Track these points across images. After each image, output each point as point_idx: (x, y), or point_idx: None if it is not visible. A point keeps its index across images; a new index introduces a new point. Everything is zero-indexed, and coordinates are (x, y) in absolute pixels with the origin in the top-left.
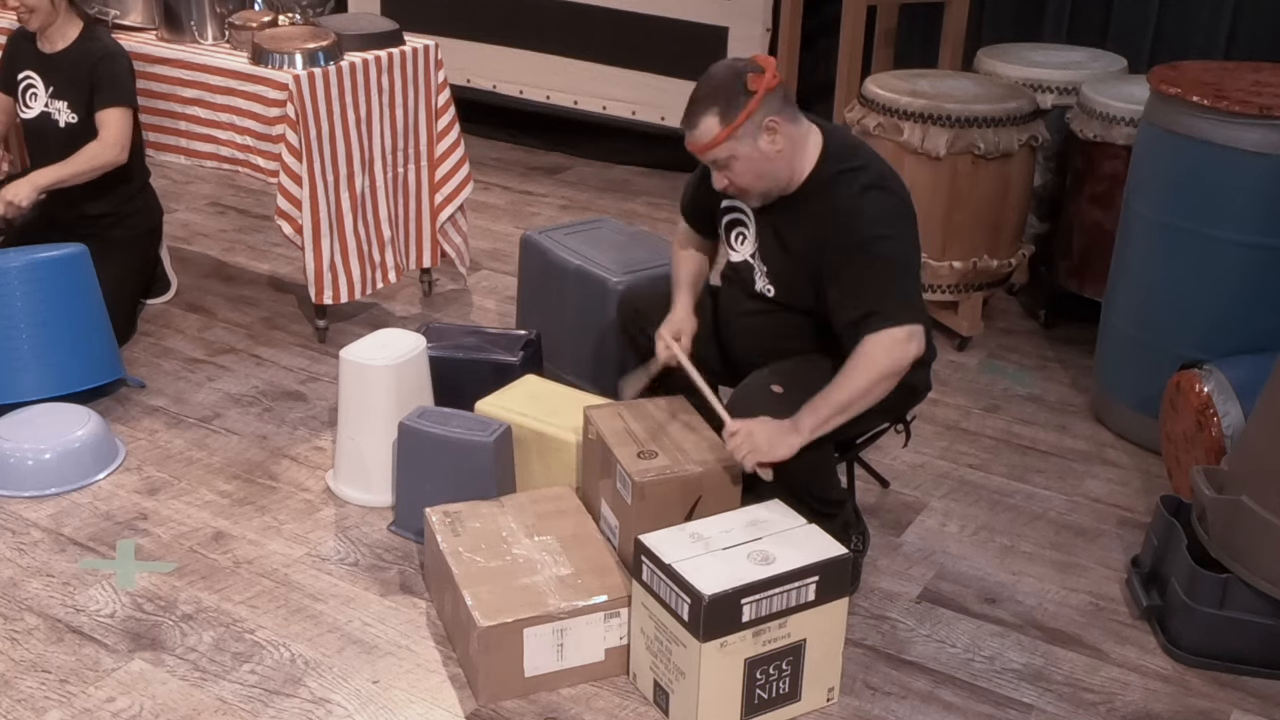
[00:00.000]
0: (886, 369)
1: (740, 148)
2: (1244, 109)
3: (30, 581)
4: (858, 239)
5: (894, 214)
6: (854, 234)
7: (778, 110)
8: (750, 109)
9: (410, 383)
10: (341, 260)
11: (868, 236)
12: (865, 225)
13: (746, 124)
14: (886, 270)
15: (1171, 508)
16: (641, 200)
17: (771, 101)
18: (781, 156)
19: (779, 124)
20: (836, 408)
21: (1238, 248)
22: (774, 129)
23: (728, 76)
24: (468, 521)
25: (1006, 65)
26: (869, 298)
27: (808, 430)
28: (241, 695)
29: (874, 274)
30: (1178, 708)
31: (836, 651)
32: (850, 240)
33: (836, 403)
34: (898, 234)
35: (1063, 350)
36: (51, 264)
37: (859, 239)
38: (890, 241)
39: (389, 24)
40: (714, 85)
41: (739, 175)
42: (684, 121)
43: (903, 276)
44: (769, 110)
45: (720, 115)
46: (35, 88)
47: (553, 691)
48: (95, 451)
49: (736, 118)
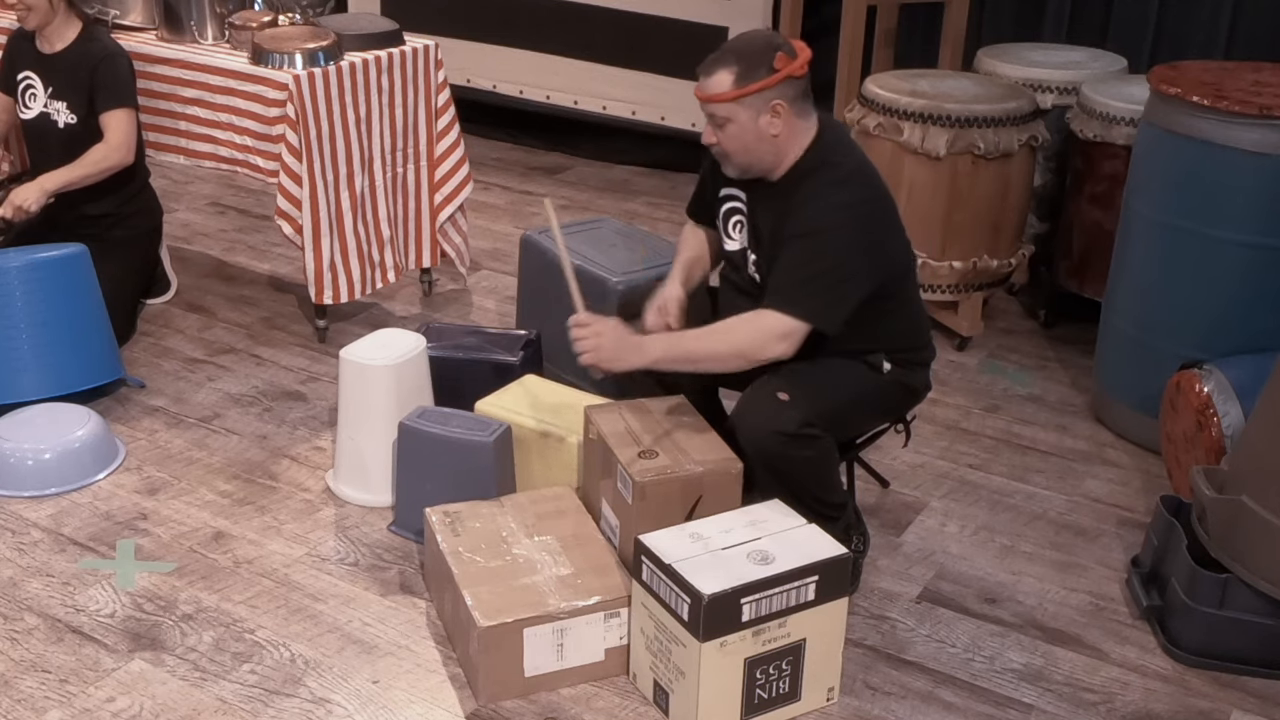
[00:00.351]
0: (744, 350)
1: (741, 114)
2: (1244, 109)
3: (30, 581)
4: (805, 225)
5: (852, 212)
6: (805, 220)
7: (790, 98)
8: (766, 83)
9: (410, 383)
10: (341, 260)
11: (814, 226)
12: (817, 214)
13: (756, 95)
14: (813, 262)
15: (1171, 508)
16: (641, 200)
17: (788, 88)
18: (774, 141)
19: (784, 110)
20: (685, 356)
21: (1238, 248)
22: (778, 113)
23: (761, 45)
24: (468, 521)
25: (1006, 65)
26: (783, 277)
27: (650, 359)
28: (241, 695)
29: (800, 260)
30: (1178, 708)
31: (836, 651)
32: (800, 225)
33: (687, 352)
34: (846, 232)
35: (1063, 350)
36: (51, 264)
37: (806, 225)
38: (833, 236)
39: (389, 24)
40: (745, 46)
41: (729, 138)
42: (702, 68)
43: (825, 274)
44: (781, 94)
45: (737, 75)
46: (34, 88)
47: (553, 691)
48: (95, 451)
49: (749, 85)
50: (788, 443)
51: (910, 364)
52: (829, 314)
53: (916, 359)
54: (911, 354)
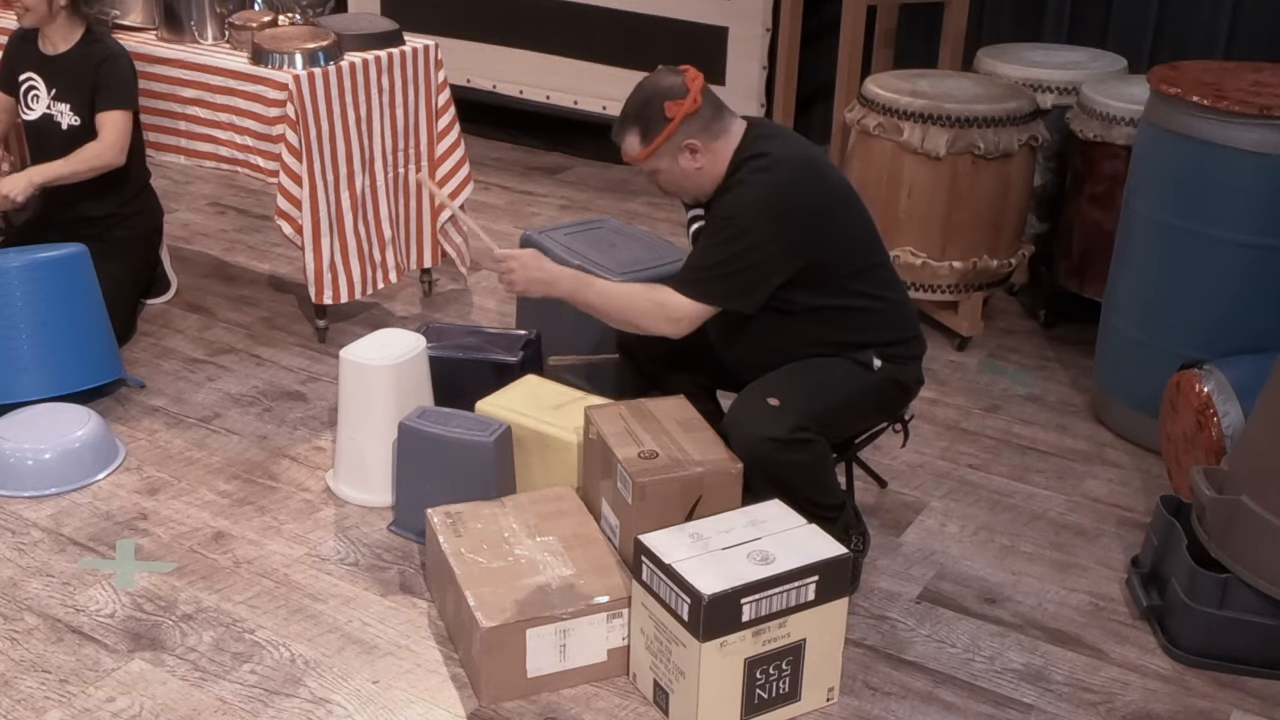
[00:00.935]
0: (634, 320)
1: (661, 163)
2: (1244, 109)
3: (30, 581)
4: (719, 211)
5: (764, 195)
6: (720, 207)
7: (697, 133)
8: (669, 132)
9: (410, 383)
10: (341, 260)
11: (725, 213)
12: (731, 202)
13: (666, 145)
14: (721, 247)
15: (1171, 508)
16: (641, 200)
17: (692, 124)
18: (702, 172)
19: (698, 145)
20: (584, 303)
21: (1238, 248)
22: (694, 149)
23: (649, 98)
24: (469, 522)
25: (1006, 65)
26: (690, 260)
27: (559, 294)
28: (241, 695)
29: (708, 245)
30: (1178, 708)
31: (836, 651)
32: (716, 212)
33: (587, 300)
34: (754, 214)
35: (1063, 350)
36: (51, 264)
37: (719, 212)
38: (739, 219)
39: (389, 24)
40: (638, 106)
41: (664, 183)
42: (613, 133)
43: (732, 259)
44: (688, 133)
45: (641, 135)
46: (37, 89)
47: (553, 692)
48: (95, 451)
49: (654, 140)
50: (780, 448)
51: (900, 359)
52: (737, 298)
53: (906, 353)
54: (900, 348)
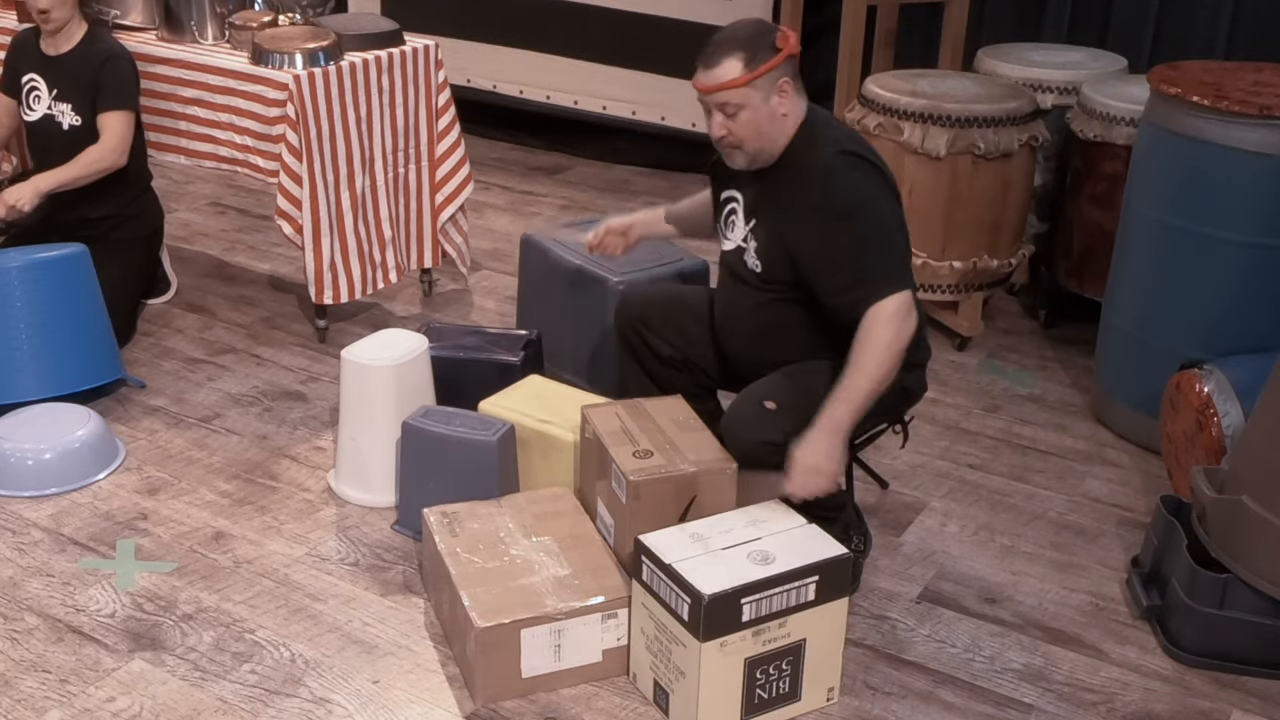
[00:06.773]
0: (892, 344)
1: (753, 98)
2: (1244, 109)
3: (30, 581)
4: (836, 206)
5: (872, 181)
6: (831, 200)
7: (793, 75)
8: (774, 63)
9: (412, 383)
10: (342, 260)
11: (846, 205)
12: (844, 192)
13: (766, 76)
14: (868, 241)
15: (1171, 508)
16: (641, 200)
17: (789, 66)
18: (783, 121)
19: (790, 88)
20: (863, 399)
21: (1238, 248)
22: (785, 91)
23: (758, 28)
24: (466, 522)
25: (1006, 65)
26: (855, 270)
27: (847, 426)
28: (242, 695)
29: (858, 245)
30: (1178, 708)
31: (836, 651)
32: (829, 206)
33: (862, 395)
34: (877, 201)
35: (1063, 350)
36: (51, 264)
37: (837, 206)
38: (870, 209)
39: (389, 24)
40: (743, 32)
41: (741, 125)
42: (703, 59)
43: (886, 245)
44: (786, 72)
45: (745, 60)
46: (39, 90)
47: (553, 691)
48: (95, 451)
49: (759, 67)
50: (776, 452)
51: (906, 365)
52: (908, 274)
53: (912, 360)
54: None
